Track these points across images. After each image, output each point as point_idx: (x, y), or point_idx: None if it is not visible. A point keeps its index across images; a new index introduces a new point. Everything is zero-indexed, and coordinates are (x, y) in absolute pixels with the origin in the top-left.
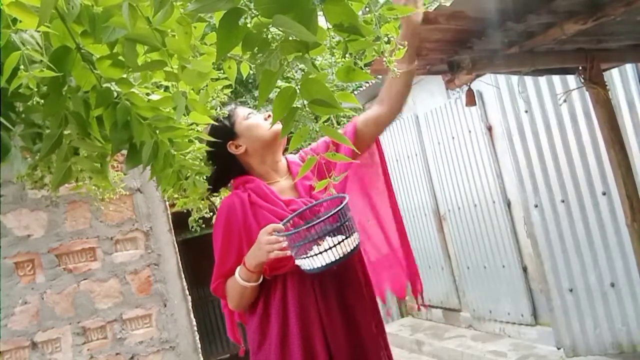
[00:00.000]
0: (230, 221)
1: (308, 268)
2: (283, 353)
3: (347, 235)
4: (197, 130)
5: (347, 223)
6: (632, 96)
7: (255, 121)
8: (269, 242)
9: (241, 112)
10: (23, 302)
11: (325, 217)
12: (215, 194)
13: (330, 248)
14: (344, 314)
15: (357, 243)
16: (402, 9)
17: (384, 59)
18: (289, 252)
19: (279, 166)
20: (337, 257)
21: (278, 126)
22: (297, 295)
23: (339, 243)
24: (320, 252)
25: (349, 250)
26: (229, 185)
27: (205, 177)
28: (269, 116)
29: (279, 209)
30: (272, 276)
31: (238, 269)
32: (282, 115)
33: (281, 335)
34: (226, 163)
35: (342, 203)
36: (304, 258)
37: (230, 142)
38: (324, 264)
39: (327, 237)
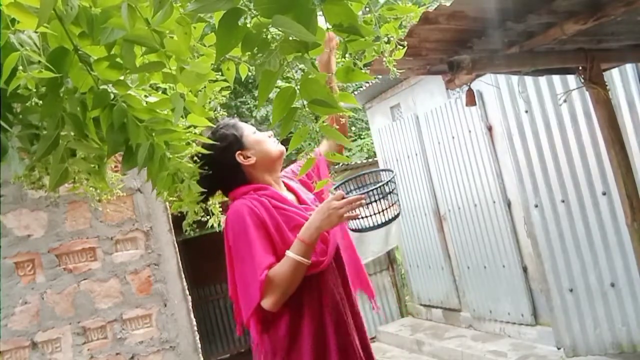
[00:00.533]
0: (258, 221)
1: (367, 226)
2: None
3: (396, 200)
4: (195, 133)
5: (395, 191)
6: (632, 96)
7: (263, 136)
8: (348, 202)
9: (247, 127)
10: (23, 302)
11: (386, 181)
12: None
13: (384, 210)
14: (354, 313)
15: (399, 210)
16: (403, 8)
17: (384, 59)
18: (359, 213)
19: (278, 181)
20: (393, 216)
21: (282, 146)
22: (330, 297)
23: (391, 205)
24: (378, 212)
25: (397, 212)
26: (217, 193)
27: (201, 181)
28: (272, 135)
29: (301, 212)
30: (306, 286)
31: (289, 251)
32: (282, 115)
33: (316, 340)
34: (229, 171)
35: (392, 174)
36: (360, 219)
37: (239, 152)
38: (383, 220)
39: (383, 199)
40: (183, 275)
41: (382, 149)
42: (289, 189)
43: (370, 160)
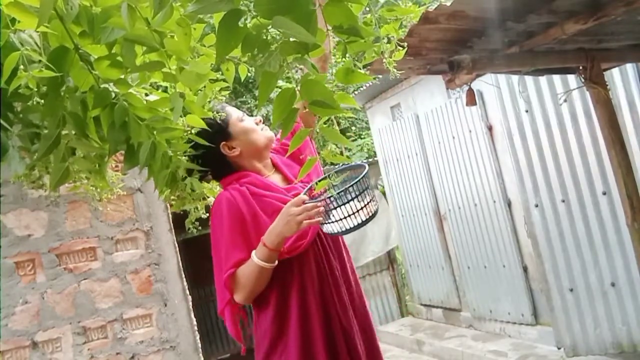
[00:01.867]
0: (234, 213)
1: (337, 231)
2: (305, 351)
3: (370, 198)
4: (191, 133)
5: (368, 189)
6: (633, 96)
7: (250, 125)
8: (305, 210)
9: (234, 113)
10: (23, 302)
11: (355, 181)
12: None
13: (358, 211)
14: (349, 286)
15: (377, 207)
16: (402, 10)
17: (384, 59)
18: (320, 219)
19: (267, 164)
20: (366, 218)
21: (271, 133)
22: (314, 276)
23: (364, 206)
24: (349, 215)
25: (373, 211)
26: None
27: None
28: (260, 121)
29: (282, 195)
30: (288, 267)
31: (254, 252)
32: (282, 116)
33: (302, 331)
34: (214, 161)
35: (363, 171)
36: (330, 223)
37: (224, 143)
38: (355, 224)
39: (352, 202)
40: (183, 275)
41: (382, 148)
42: (276, 167)
43: (370, 160)
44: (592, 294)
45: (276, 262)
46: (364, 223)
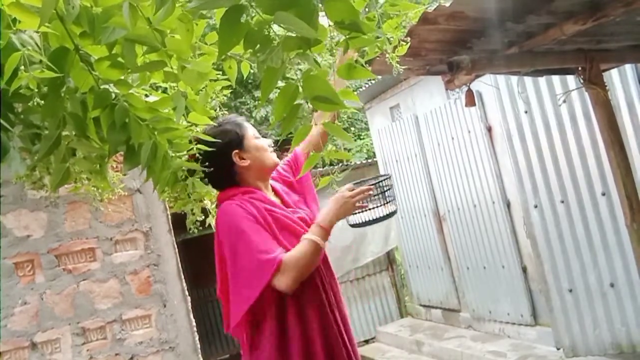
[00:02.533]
0: (250, 216)
1: (368, 219)
2: None
3: (392, 199)
4: (196, 131)
5: (392, 189)
6: (632, 97)
7: (262, 143)
8: (361, 192)
9: (250, 129)
10: (22, 303)
11: (384, 178)
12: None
13: (383, 205)
14: (342, 315)
15: (396, 208)
16: (405, 5)
17: (386, 56)
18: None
19: (268, 186)
20: (391, 211)
21: (277, 158)
22: (317, 299)
23: (390, 201)
24: (378, 207)
25: (395, 209)
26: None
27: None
28: (270, 145)
29: (289, 214)
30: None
31: (307, 235)
32: (285, 112)
33: (304, 343)
34: (223, 167)
35: (388, 177)
36: (359, 213)
37: (236, 151)
38: (383, 214)
39: (383, 195)
40: (182, 276)
41: (382, 149)
42: (274, 191)
43: (369, 160)
44: (592, 295)
45: (325, 246)
46: (389, 215)
